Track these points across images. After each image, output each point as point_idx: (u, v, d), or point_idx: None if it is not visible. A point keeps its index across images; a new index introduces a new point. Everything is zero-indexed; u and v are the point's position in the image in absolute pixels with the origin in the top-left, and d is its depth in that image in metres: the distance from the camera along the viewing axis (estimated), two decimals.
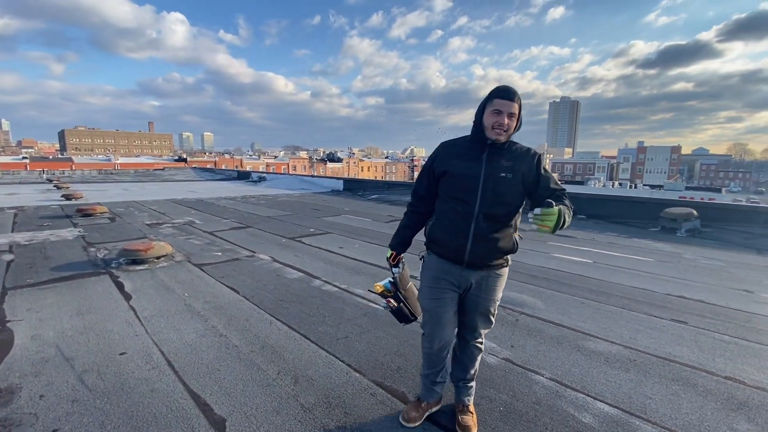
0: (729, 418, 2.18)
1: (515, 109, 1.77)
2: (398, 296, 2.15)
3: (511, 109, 1.76)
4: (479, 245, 1.83)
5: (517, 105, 1.78)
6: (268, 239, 6.76)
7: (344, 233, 7.46)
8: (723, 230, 8.47)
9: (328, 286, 4.25)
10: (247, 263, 5.15)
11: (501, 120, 1.76)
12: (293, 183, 19.83)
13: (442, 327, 1.96)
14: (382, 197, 14.34)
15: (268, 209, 10.86)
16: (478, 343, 2.08)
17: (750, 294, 4.44)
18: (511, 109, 1.76)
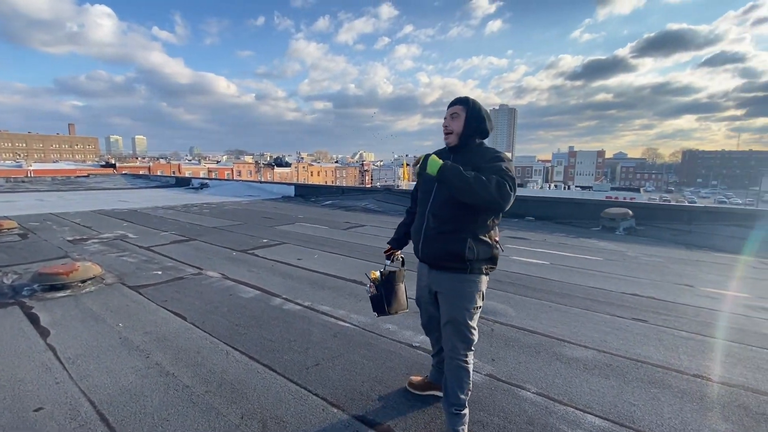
0: (707, 419, 2.22)
1: (457, 110, 1.91)
2: (380, 286, 2.27)
3: (453, 111, 1.92)
4: (428, 244, 1.95)
5: (460, 107, 1.91)
6: (216, 253, 6.17)
7: (301, 243, 7.05)
8: (654, 228, 9.25)
9: (289, 305, 3.89)
10: (193, 282, 4.60)
11: (444, 124, 1.94)
12: (240, 189, 18.74)
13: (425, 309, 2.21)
14: (337, 203, 13.98)
15: (213, 219, 10.06)
16: (459, 360, 1.96)
17: (692, 288, 4.79)
18: (452, 111, 1.92)
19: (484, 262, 1.91)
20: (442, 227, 1.89)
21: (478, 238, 1.87)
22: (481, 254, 1.88)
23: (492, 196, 1.67)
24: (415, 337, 3.19)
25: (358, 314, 3.66)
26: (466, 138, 1.91)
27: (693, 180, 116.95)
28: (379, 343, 3.08)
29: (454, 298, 1.93)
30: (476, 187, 1.67)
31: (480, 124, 1.91)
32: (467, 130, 1.90)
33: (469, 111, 1.90)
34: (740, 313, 3.94)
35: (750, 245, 7.42)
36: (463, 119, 1.90)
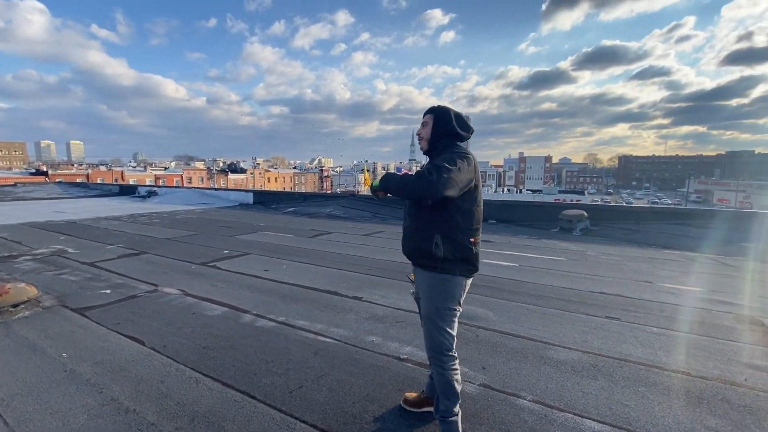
0: (696, 414, 2.27)
1: (427, 119, 2.03)
2: None
3: (424, 120, 2.05)
4: (406, 241, 2.04)
5: (429, 115, 2.03)
6: (172, 267, 5.66)
7: (266, 253, 6.68)
8: (607, 228, 9.83)
9: (262, 321, 3.60)
10: (149, 301, 4.15)
11: (417, 131, 2.09)
12: (193, 197, 17.67)
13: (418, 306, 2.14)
14: (300, 210, 13.55)
15: (165, 229, 9.32)
16: (438, 366, 1.95)
17: (651, 284, 5.06)
18: (423, 121, 2.06)
19: (457, 263, 1.90)
20: (414, 224, 1.97)
21: (447, 237, 1.87)
22: (452, 253, 1.88)
23: (427, 180, 1.72)
24: (401, 349, 3.05)
25: (338, 327, 3.46)
26: (435, 142, 2.01)
27: (629, 183, 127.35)
28: (365, 358, 2.90)
29: (426, 295, 1.96)
30: (408, 181, 1.79)
31: (446, 127, 1.98)
32: (434, 135, 2.01)
33: (436, 118, 2.01)
34: (699, 306, 4.19)
35: (692, 242, 8.06)
36: (431, 126, 2.01)
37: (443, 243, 1.87)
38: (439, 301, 1.93)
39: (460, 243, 1.89)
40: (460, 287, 1.93)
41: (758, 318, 3.86)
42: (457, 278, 1.92)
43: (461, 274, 1.92)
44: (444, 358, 1.94)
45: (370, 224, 10.65)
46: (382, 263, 6.01)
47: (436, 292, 1.93)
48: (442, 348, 1.94)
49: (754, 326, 3.66)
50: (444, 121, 1.99)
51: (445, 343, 1.93)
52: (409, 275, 2.24)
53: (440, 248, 1.87)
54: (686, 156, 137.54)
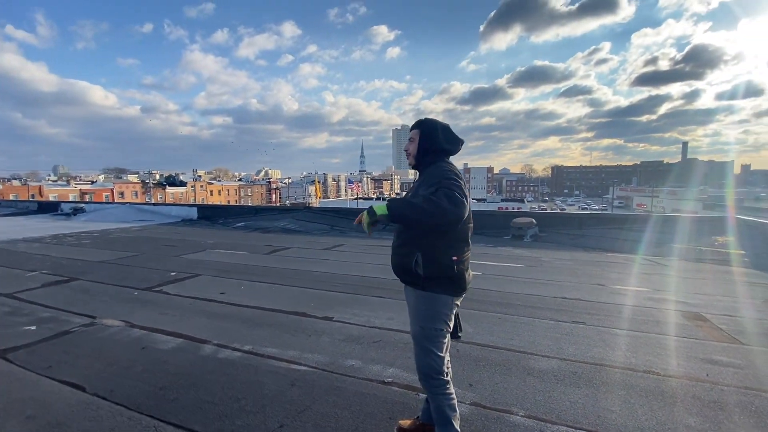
0: (675, 414, 2.37)
1: (413, 135, 2.01)
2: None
3: (410, 136, 2.03)
4: (392, 258, 1.98)
5: (416, 130, 2.00)
6: (110, 294, 5.02)
7: (220, 273, 6.19)
8: (554, 234, 10.44)
9: (225, 352, 3.25)
10: (86, 337, 3.60)
11: (405, 147, 2.06)
12: (127, 213, 16.12)
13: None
14: (251, 225, 12.88)
15: (98, 251, 8.34)
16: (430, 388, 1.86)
17: (604, 287, 5.39)
18: (410, 136, 2.03)
19: (440, 282, 1.82)
20: (398, 241, 1.94)
21: (429, 255, 1.80)
22: (434, 272, 1.80)
23: (444, 209, 1.67)
24: (384, 372, 2.89)
25: (312, 353, 3.22)
26: (422, 157, 1.98)
27: (561, 191, 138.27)
28: (347, 385, 2.71)
29: (413, 314, 1.92)
30: (428, 207, 1.68)
31: (433, 142, 1.96)
32: (421, 150, 1.98)
33: (422, 133, 1.98)
34: (649, 306, 4.51)
35: (629, 245, 8.80)
36: (417, 142, 1.99)
37: (423, 261, 1.80)
38: (424, 321, 1.85)
39: (441, 261, 1.80)
40: (446, 307, 1.85)
41: (701, 314, 4.23)
42: (442, 297, 1.84)
43: (446, 293, 1.84)
44: (433, 381, 1.84)
45: (329, 237, 10.37)
46: (349, 279, 5.81)
47: (421, 311, 1.87)
48: (430, 371, 1.84)
49: (699, 321, 4.00)
50: (430, 136, 1.96)
51: (432, 365, 1.83)
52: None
53: (420, 266, 1.80)
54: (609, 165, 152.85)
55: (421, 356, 1.86)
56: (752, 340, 3.52)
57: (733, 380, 2.80)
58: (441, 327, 1.85)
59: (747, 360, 3.13)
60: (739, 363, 3.06)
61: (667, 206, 58.85)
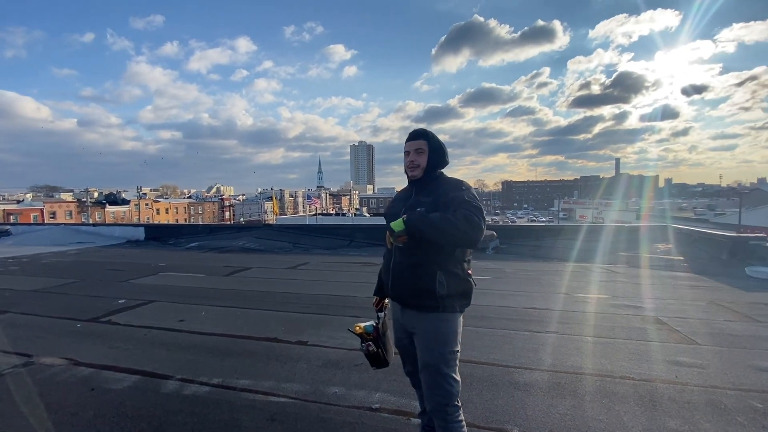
0: (657, 418, 2.45)
1: (421, 145, 1.89)
2: (378, 341, 1.99)
3: (417, 146, 1.89)
4: (397, 280, 1.84)
5: (423, 141, 1.89)
6: (48, 328, 4.42)
7: (175, 299, 5.71)
8: (513, 245, 10.84)
9: (192, 387, 2.94)
10: (22, 380, 3.11)
11: (410, 159, 1.90)
12: (63, 235, 14.59)
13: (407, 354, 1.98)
14: (206, 244, 12.15)
15: (29, 279, 7.41)
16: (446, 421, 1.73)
17: (569, 295, 5.62)
18: (416, 146, 1.89)
19: (457, 298, 1.77)
20: (410, 260, 1.78)
21: (449, 271, 1.75)
22: (454, 289, 1.75)
23: (462, 231, 1.61)
24: (371, 397, 2.75)
25: (290, 382, 3.00)
26: (430, 171, 1.91)
27: (511, 204, 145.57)
28: (333, 415, 2.53)
29: (428, 341, 1.78)
30: (445, 227, 1.62)
31: (441, 158, 1.92)
32: (431, 164, 1.90)
33: (431, 145, 1.90)
34: (612, 312, 4.75)
35: (582, 254, 9.33)
36: (427, 153, 1.89)
37: (446, 279, 1.73)
38: (444, 346, 1.74)
39: (459, 276, 1.77)
40: (460, 325, 1.81)
41: (659, 318, 4.51)
42: (457, 315, 1.79)
43: (461, 309, 1.81)
44: (449, 409, 1.74)
45: (292, 255, 10.01)
46: (318, 299, 5.59)
47: (440, 336, 1.75)
48: (449, 399, 1.74)
49: (659, 325, 4.25)
50: (440, 151, 1.92)
51: (452, 392, 1.74)
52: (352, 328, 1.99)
53: (444, 285, 1.72)
54: (553, 180, 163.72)
55: (440, 385, 1.74)
56: (706, 341, 3.79)
57: (699, 380, 2.97)
58: (457, 348, 1.78)
59: (706, 360, 3.35)
60: (701, 363, 3.27)
61: (606, 217, 63.79)
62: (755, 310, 4.74)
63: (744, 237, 7.83)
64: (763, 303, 5.06)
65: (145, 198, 66.81)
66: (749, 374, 3.06)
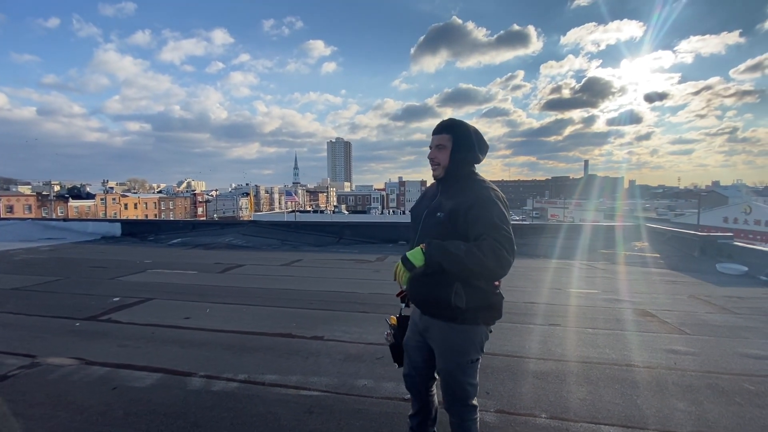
0: (666, 401, 2.67)
1: (443, 140, 1.74)
2: (398, 334, 1.97)
3: (438, 141, 1.75)
4: (413, 286, 1.70)
5: (446, 135, 1.73)
6: (44, 328, 4.24)
7: (173, 296, 5.58)
8: None
9: (219, 384, 2.94)
10: (32, 381, 3.00)
11: (429, 155, 1.77)
12: (30, 231, 13.76)
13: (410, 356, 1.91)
14: (190, 241, 11.81)
15: (3, 277, 6.99)
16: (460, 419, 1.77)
17: (562, 290, 5.90)
18: (437, 142, 1.75)
19: (481, 311, 1.68)
20: (427, 269, 1.62)
21: (469, 283, 1.62)
22: (473, 301, 1.63)
23: (488, 269, 1.50)
24: (400, 388, 2.82)
25: (317, 376, 3.05)
26: (455, 169, 1.75)
27: None
28: (369, 407, 2.61)
29: (444, 350, 1.73)
30: (469, 263, 1.50)
31: (468, 154, 1.73)
32: (454, 162, 1.73)
33: (456, 140, 1.73)
34: (605, 306, 5.04)
35: (565, 251, 9.75)
36: (449, 150, 1.73)
37: (465, 291, 1.61)
38: (460, 357, 1.70)
39: (481, 288, 1.64)
40: (484, 335, 1.74)
41: (647, 310, 4.83)
42: (481, 327, 1.71)
43: (485, 322, 1.72)
44: (465, 408, 1.76)
45: (282, 253, 9.91)
46: (321, 295, 5.61)
47: (456, 347, 1.69)
48: (466, 400, 1.75)
49: (649, 317, 4.56)
50: (467, 147, 1.72)
51: (471, 395, 1.75)
52: (388, 318, 2.04)
53: (461, 298, 1.61)
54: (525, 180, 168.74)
55: (455, 390, 1.74)
56: (694, 330, 4.11)
57: (695, 366, 3.25)
58: (478, 356, 1.73)
59: (697, 347, 3.65)
60: (694, 351, 3.56)
61: (575, 216, 66.40)
62: (730, 303, 5.16)
63: (713, 236, 8.44)
64: (737, 296, 5.51)
65: (111, 192, 63.73)
66: (737, 360, 3.37)
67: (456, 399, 1.76)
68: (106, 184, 64.53)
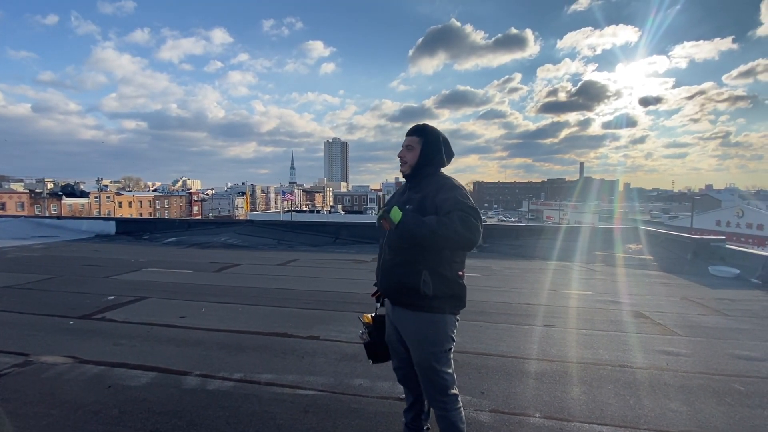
0: (659, 401, 2.70)
1: (413, 142, 1.88)
2: (373, 332, 2.04)
3: (408, 142, 1.89)
4: (385, 277, 1.86)
5: (416, 138, 1.88)
6: (37, 326, 4.21)
7: (168, 295, 5.56)
8: (495, 244, 11.20)
9: (215, 383, 2.93)
10: (26, 379, 2.98)
11: (399, 154, 1.92)
12: (23, 228, 13.65)
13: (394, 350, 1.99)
14: (185, 240, 11.76)
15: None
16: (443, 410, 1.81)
17: (557, 292, 5.94)
18: (408, 142, 1.89)
19: (447, 300, 1.76)
20: (396, 258, 1.79)
21: (436, 272, 1.72)
22: (441, 290, 1.73)
23: (459, 234, 1.57)
24: (397, 388, 2.81)
25: (313, 375, 3.05)
26: (420, 168, 1.88)
27: (482, 204, 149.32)
28: (365, 406, 2.62)
29: (417, 341, 1.80)
30: (440, 230, 1.58)
31: (435, 156, 1.88)
32: (421, 162, 1.87)
33: (425, 143, 1.87)
34: (599, 307, 5.09)
35: (561, 253, 9.81)
36: (418, 152, 1.87)
37: (432, 279, 1.71)
38: (432, 346, 1.77)
39: (450, 278, 1.75)
40: (453, 325, 1.82)
41: (641, 312, 4.88)
42: (447, 316, 1.78)
43: (451, 312, 1.79)
44: (447, 398, 1.80)
45: (278, 252, 9.90)
46: (317, 295, 5.61)
47: (426, 336, 1.77)
48: (445, 390, 1.79)
49: (643, 319, 4.61)
50: (434, 150, 1.87)
51: (448, 383, 1.80)
52: (361, 317, 2.11)
53: (429, 285, 1.70)
54: (521, 182, 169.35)
55: (434, 380, 1.79)
56: (686, 332, 4.16)
57: (688, 367, 3.28)
58: (450, 346, 1.81)
59: (689, 349, 3.69)
60: (686, 352, 3.60)
61: (571, 218, 66.81)
62: (722, 305, 5.23)
63: (706, 239, 8.53)
64: (728, 299, 5.58)
65: (105, 190, 63.23)
66: (728, 361, 3.41)
67: (436, 390, 1.80)
68: (101, 182, 64.05)
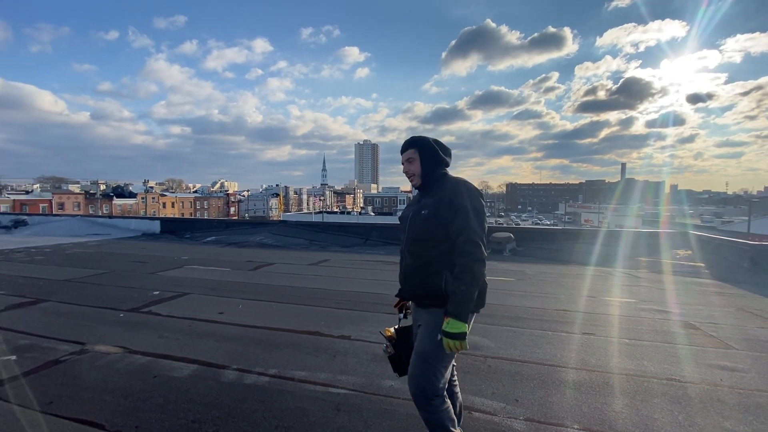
0: (711, 418, 2.52)
1: (411, 155, 1.97)
2: (398, 345, 2.04)
3: (407, 156, 1.98)
4: (407, 281, 1.93)
5: (412, 150, 1.97)
6: (92, 317, 4.54)
7: (208, 292, 5.82)
8: (530, 248, 10.88)
9: (251, 377, 3.04)
10: (82, 366, 3.22)
11: (404, 170, 2.01)
12: (79, 227, 14.77)
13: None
14: (223, 239, 12.27)
15: (58, 269, 7.54)
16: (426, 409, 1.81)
17: (596, 298, 5.68)
18: (407, 157, 1.98)
19: None
20: (418, 262, 1.86)
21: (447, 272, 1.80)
22: None
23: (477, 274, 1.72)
24: None
25: (345, 374, 3.09)
26: (428, 175, 1.97)
27: (515, 207, 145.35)
28: (396, 407, 2.62)
29: (427, 332, 1.83)
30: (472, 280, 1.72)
31: (435, 158, 1.97)
32: (426, 170, 1.96)
33: (422, 151, 1.96)
34: (643, 316, 4.81)
35: (601, 258, 9.37)
36: (419, 160, 1.96)
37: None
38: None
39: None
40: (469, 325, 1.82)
41: (690, 322, 4.57)
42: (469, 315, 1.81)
43: (471, 310, 1.81)
44: (434, 401, 1.79)
45: (310, 252, 10.11)
46: (348, 295, 5.68)
47: (436, 328, 1.79)
48: (434, 391, 1.77)
49: (692, 330, 4.31)
50: (433, 154, 1.96)
51: (436, 385, 1.78)
52: (383, 331, 2.09)
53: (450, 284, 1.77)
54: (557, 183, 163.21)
55: (425, 375, 1.78)
56: (743, 346, 3.85)
57: (745, 383, 3.04)
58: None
59: (746, 364, 3.41)
60: (743, 367, 3.34)
61: (611, 222, 63.62)
62: None
63: (766, 245, 7.85)
64: None
65: (151, 191, 67.17)
66: None
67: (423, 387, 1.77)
68: (147, 184, 68.11)
